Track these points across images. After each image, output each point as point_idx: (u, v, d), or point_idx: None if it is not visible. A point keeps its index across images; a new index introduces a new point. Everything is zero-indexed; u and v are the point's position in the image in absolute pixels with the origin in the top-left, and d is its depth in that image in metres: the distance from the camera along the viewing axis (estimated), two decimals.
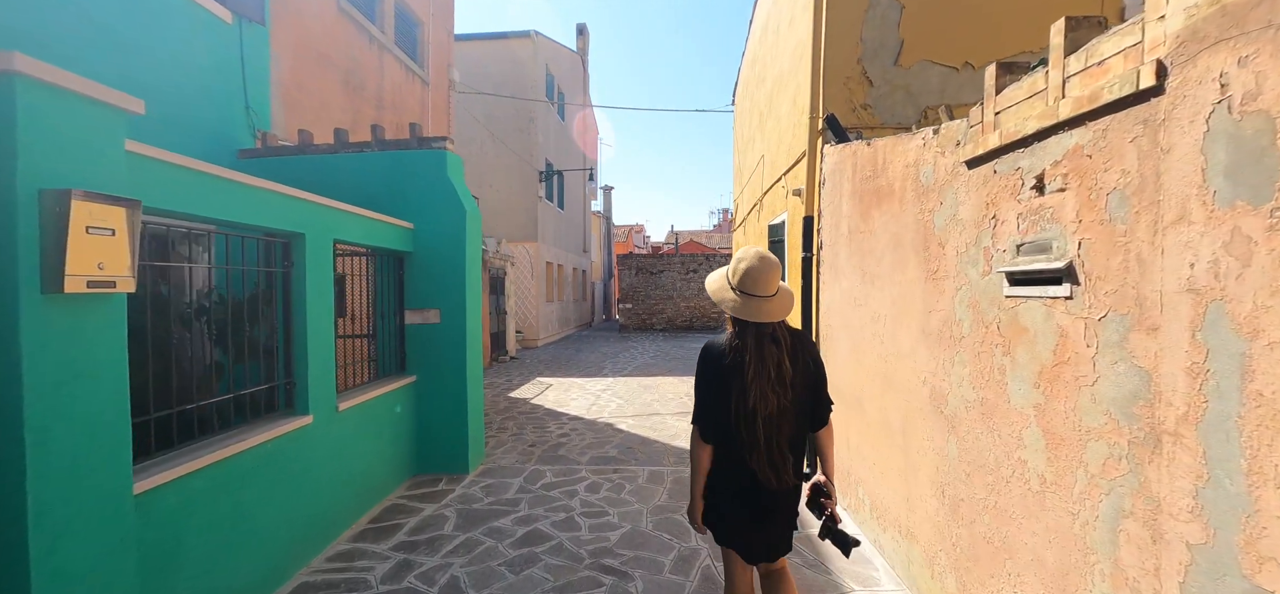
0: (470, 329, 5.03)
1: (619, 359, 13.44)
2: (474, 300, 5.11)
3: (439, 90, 10.02)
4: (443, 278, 4.94)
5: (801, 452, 2.02)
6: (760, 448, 1.88)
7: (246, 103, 5.34)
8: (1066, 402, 1.77)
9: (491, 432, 6.54)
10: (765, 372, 1.87)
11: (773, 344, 1.90)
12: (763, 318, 1.91)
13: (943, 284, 2.55)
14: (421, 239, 4.95)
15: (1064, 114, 1.73)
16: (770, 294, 1.93)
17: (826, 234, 4.40)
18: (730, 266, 2.01)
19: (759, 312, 1.91)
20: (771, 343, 1.90)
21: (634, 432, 6.49)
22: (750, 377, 1.87)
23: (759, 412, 1.86)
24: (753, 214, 8.70)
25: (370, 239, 4.37)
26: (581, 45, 24.15)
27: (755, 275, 1.92)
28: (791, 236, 5.82)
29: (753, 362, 1.88)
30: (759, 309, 1.91)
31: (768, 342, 1.90)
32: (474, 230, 5.10)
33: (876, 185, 3.34)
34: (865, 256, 3.53)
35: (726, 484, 1.99)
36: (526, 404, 8.17)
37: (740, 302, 1.93)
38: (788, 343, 1.93)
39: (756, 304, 1.91)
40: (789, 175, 5.91)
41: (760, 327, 1.91)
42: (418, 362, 4.97)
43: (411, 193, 4.95)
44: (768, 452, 1.89)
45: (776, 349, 1.90)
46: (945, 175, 2.52)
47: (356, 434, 4.03)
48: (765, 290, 1.92)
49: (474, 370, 5.11)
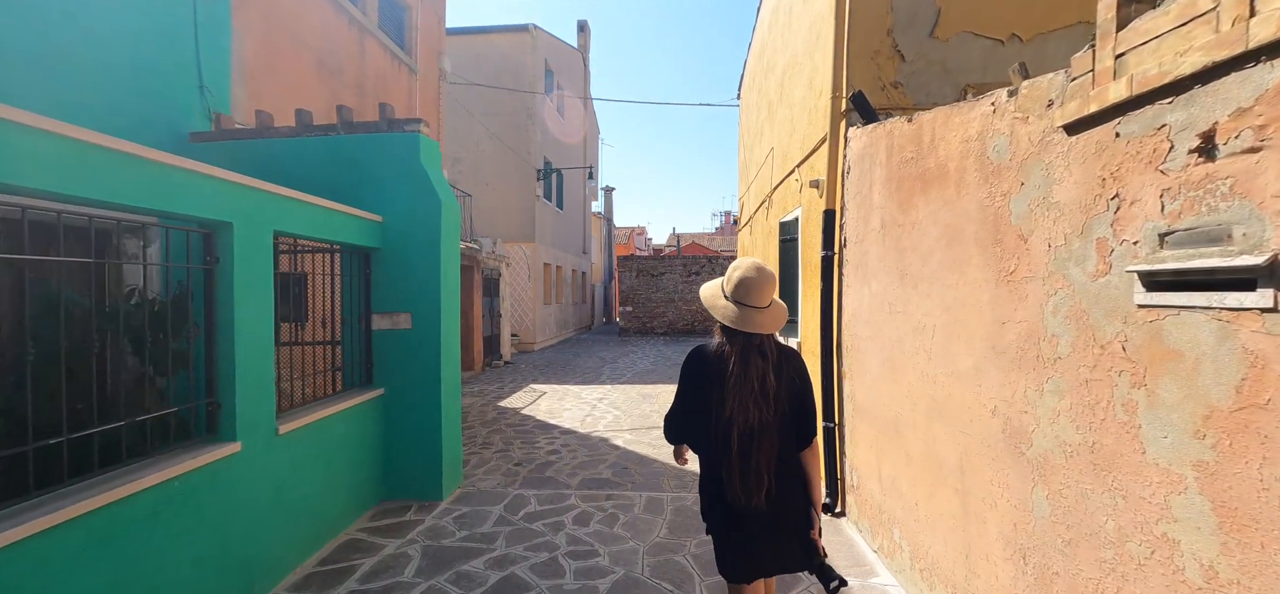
0: (446, 335, 4.46)
1: (618, 365, 12.86)
2: (451, 303, 4.54)
3: (428, 80, 9.47)
4: (415, 277, 4.37)
5: (792, 472, 1.94)
6: (733, 459, 1.86)
7: (200, 82, 4.79)
8: (1263, 465, 1.19)
9: (475, 447, 5.96)
10: (748, 383, 1.85)
11: (759, 357, 1.89)
12: (755, 329, 1.89)
13: (1024, 288, 1.97)
14: (391, 233, 4.38)
15: (1263, 37, 1.16)
16: (764, 306, 1.93)
17: (851, 229, 3.82)
18: (725, 276, 2.01)
19: (752, 322, 1.89)
20: (758, 355, 1.89)
21: (631, 448, 5.91)
22: (730, 386, 1.86)
23: (736, 422, 1.85)
24: (761, 212, 8.13)
25: (327, 232, 3.80)
26: (582, 42, 23.62)
27: (750, 286, 1.91)
28: (806, 234, 5.25)
29: (736, 370, 1.87)
30: (752, 320, 1.90)
31: (754, 353, 1.89)
32: (451, 223, 4.54)
33: (921, 168, 2.77)
34: (905, 254, 2.95)
35: (712, 502, 1.97)
36: (516, 415, 7.60)
37: (735, 311, 1.91)
38: (774, 357, 1.92)
39: (750, 315, 1.90)
40: (804, 166, 5.34)
41: (749, 338, 1.90)
42: (386, 372, 4.40)
43: (382, 181, 4.38)
44: (740, 466, 1.86)
45: (763, 362, 1.88)
46: (1029, 147, 1.95)
47: (305, 460, 3.46)
48: (760, 301, 1.91)
49: (450, 383, 4.53)
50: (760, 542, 1.91)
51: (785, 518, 1.92)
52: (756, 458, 1.85)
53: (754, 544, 1.91)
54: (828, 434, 4.14)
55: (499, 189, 16.32)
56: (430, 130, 4.59)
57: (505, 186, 16.31)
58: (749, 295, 1.91)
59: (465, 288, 11.61)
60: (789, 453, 1.94)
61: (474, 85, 14.54)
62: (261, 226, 3.06)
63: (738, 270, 1.96)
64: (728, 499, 1.89)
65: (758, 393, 1.85)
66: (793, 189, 5.90)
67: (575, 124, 21.94)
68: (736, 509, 1.88)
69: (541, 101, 17.01)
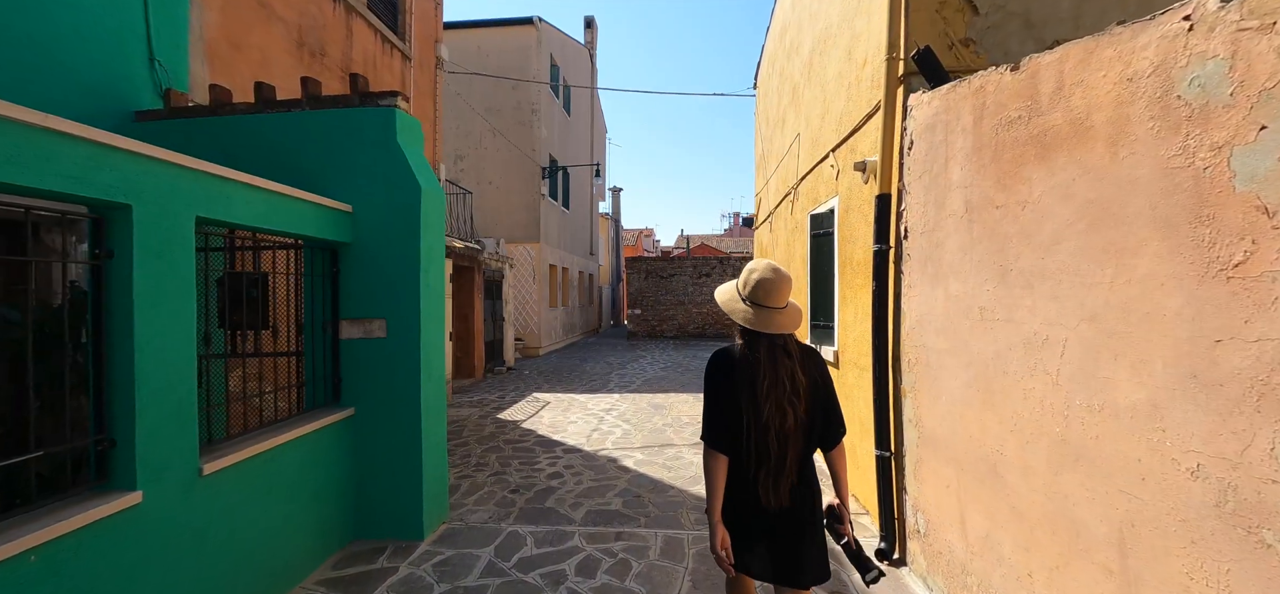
0: (428, 345, 3.79)
1: (626, 371, 12.18)
2: (434, 306, 3.88)
3: (424, 69, 8.85)
4: (391, 277, 3.71)
5: (805, 473, 1.94)
6: (770, 462, 1.85)
7: (150, 54, 4.17)
8: None
9: (468, 468, 5.30)
10: (780, 384, 1.85)
11: (785, 356, 1.88)
12: (774, 330, 1.88)
13: (1267, 289, 1.27)
14: (363, 225, 3.73)
15: None
16: (782, 306, 1.92)
17: (915, 217, 3.12)
18: (741, 278, 2.01)
19: (771, 323, 1.89)
20: (784, 355, 1.88)
21: (643, 471, 5.22)
22: (764, 389, 1.85)
23: (773, 426, 1.84)
24: (784, 206, 7.43)
25: (279, 222, 3.16)
26: (589, 39, 23.02)
27: (768, 287, 1.91)
28: (846, 226, 4.54)
29: (767, 374, 1.85)
30: (771, 321, 1.89)
31: (780, 353, 1.88)
32: (434, 213, 3.87)
33: (1038, 129, 2.07)
34: (1007, 244, 2.25)
35: (734, 504, 1.92)
36: (516, 428, 6.93)
37: (752, 313, 1.91)
38: (798, 355, 1.91)
39: (768, 316, 1.89)
40: (842, 149, 4.64)
41: (773, 338, 1.89)
42: (357, 389, 3.74)
43: (353, 164, 3.74)
44: (776, 468, 1.86)
45: (789, 361, 1.88)
46: (1271, 76, 1.25)
47: (245, 503, 2.80)
48: (777, 302, 1.91)
49: (433, 400, 3.87)
50: (781, 541, 1.91)
51: (808, 519, 1.93)
52: (789, 459, 1.87)
53: (773, 543, 1.91)
54: (881, 464, 3.44)
55: (503, 188, 15.70)
56: (409, 105, 3.93)
57: (509, 185, 15.70)
58: (767, 296, 1.90)
59: (465, 290, 10.98)
60: (810, 452, 1.95)
61: (474, 75, 13.91)
62: (176, 212, 2.40)
63: (754, 272, 1.95)
64: (762, 502, 1.87)
65: (790, 393, 1.85)
66: (825, 177, 5.21)
67: (581, 121, 21.33)
68: (766, 510, 1.88)
69: (547, 97, 16.40)
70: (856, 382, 4.27)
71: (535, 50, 15.72)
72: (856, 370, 4.26)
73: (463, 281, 10.99)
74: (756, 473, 1.86)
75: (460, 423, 7.21)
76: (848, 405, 4.48)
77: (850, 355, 4.44)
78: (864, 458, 4.11)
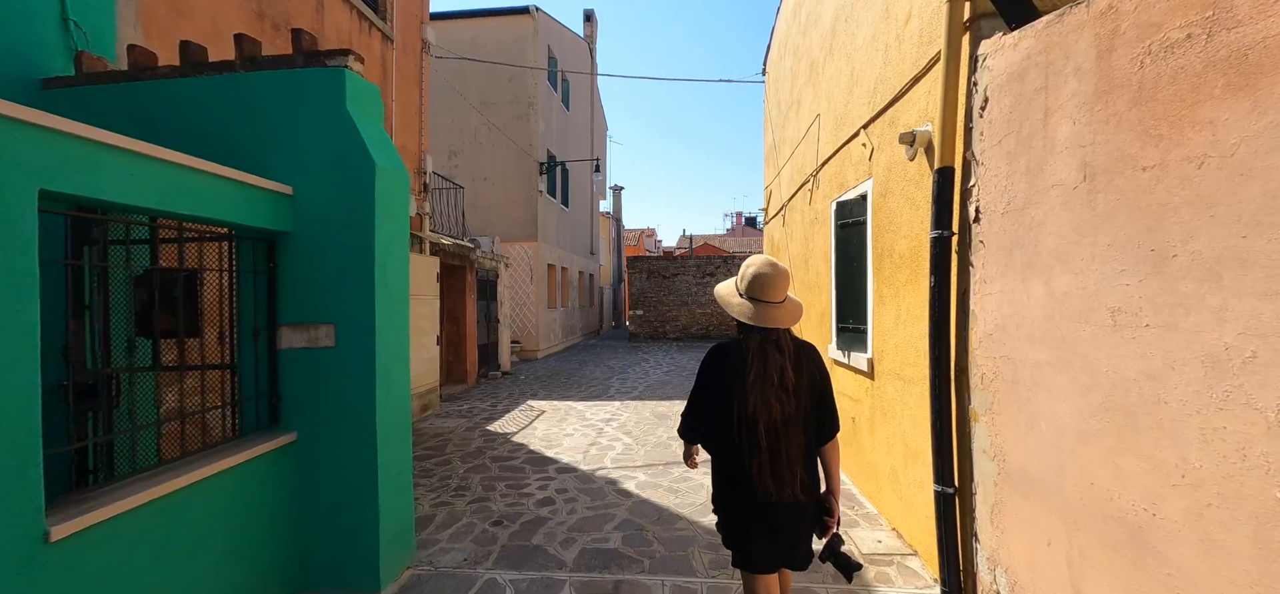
0: (387, 355, 3.14)
1: (628, 375, 11.52)
2: (393, 309, 3.22)
3: (409, 52, 8.20)
4: (340, 274, 3.06)
5: (812, 467, 1.99)
6: (762, 455, 1.89)
7: (63, 11, 3.53)
8: None
9: (447, 493, 4.64)
10: (767, 377, 1.89)
11: (776, 351, 1.92)
12: (771, 324, 1.93)
13: None
14: (306, 211, 3.08)
15: None
16: (779, 301, 1.95)
17: (992, 192, 2.46)
18: (739, 274, 2.05)
19: (768, 318, 1.93)
20: (775, 349, 1.92)
21: (646, 496, 4.56)
22: (750, 381, 1.89)
23: (759, 418, 1.88)
24: (799, 197, 6.77)
25: (192, 205, 2.51)
26: (589, 32, 22.37)
27: (765, 282, 1.95)
28: (883, 213, 3.88)
29: (754, 366, 1.90)
30: (768, 315, 1.93)
31: (771, 348, 1.92)
32: (393, 196, 3.22)
33: (1234, 46, 1.41)
34: (1171, 218, 1.59)
35: (735, 497, 1.98)
36: (506, 442, 6.27)
37: (751, 307, 1.95)
38: (791, 351, 1.94)
39: (766, 310, 1.94)
40: (879, 123, 3.98)
41: (765, 333, 1.94)
42: (300, 409, 3.08)
43: (295, 138, 3.09)
44: (770, 461, 1.89)
45: (780, 356, 1.91)
46: None
47: (126, 568, 2.14)
48: (774, 296, 1.95)
49: (394, 421, 3.21)
50: (786, 534, 1.95)
51: (806, 513, 1.98)
52: (787, 452, 1.90)
53: (778, 536, 1.95)
54: (941, 502, 2.77)
55: (499, 184, 15.05)
56: (364, 68, 3.28)
57: (505, 182, 15.05)
58: (764, 291, 1.95)
59: (456, 290, 10.33)
60: (813, 447, 1.98)
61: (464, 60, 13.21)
62: (3, 183, 1.75)
63: (752, 267, 1.99)
64: (759, 495, 1.90)
65: (778, 387, 1.89)
66: (855, 158, 4.54)
67: (581, 118, 20.68)
68: (768, 503, 1.91)
69: (544, 90, 15.75)
70: (899, 397, 3.60)
71: (532, 41, 15.07)
72: (899, 383, 3.60)
73: (454, 282, 10.34)
74: (750, 466, 1.90)
75: (444, 436, 6.55)
76: (887, 424, 3.81)
77: (890, 365, 3.78)
78: (910, 488, 3.44)
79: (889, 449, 3.81)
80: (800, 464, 1.91)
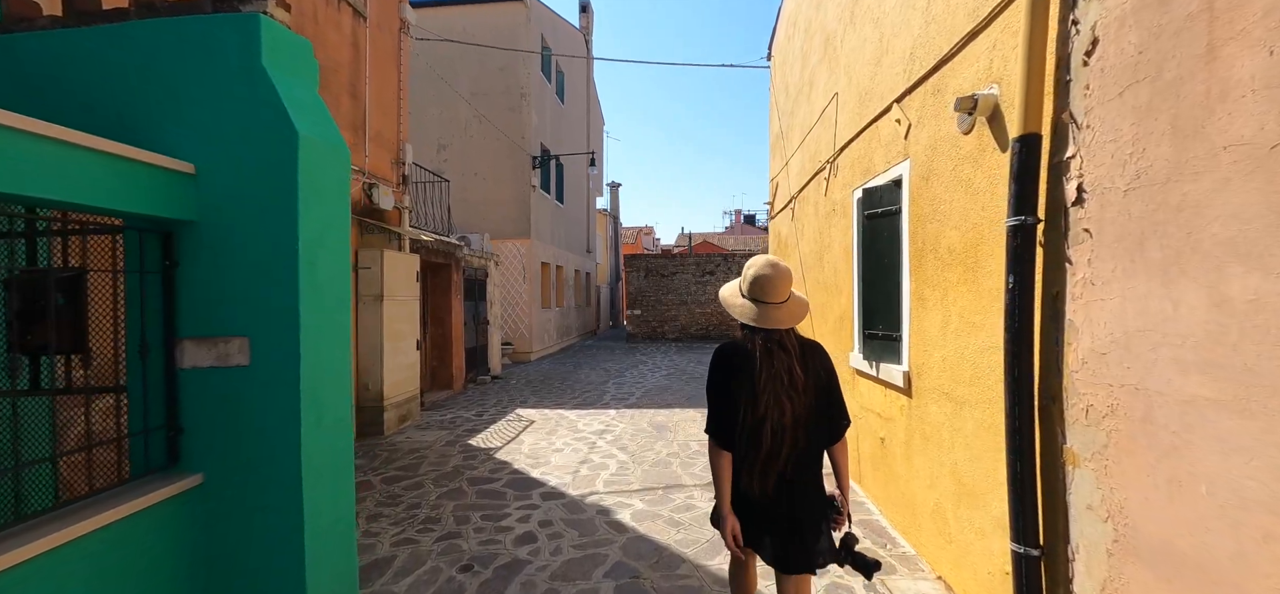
0: (315, 373, 2.50)
1: (625, 379, 10.90)
2: (326, 315, 2.58)
3: (385, 31, 7.55)
4: (255, 272, 2.42)
5: (817, 465, 2.01)
6: (764, 453, 1.90)
7: None
8: None
9: (413, 527, 4.01)
10: (776, 377, 1.89)
11: (781, 351, 1.92)
12: (774, 324, 1.94)
13: None
14: (213, 195, 2.44)
15: None
16: (781, 301, 1.96)
17: (1107, 164, 1.83)
18: (741, 276, 2.08)
19: (770, 318, 1.94)
20: (780, 349, 1.92)
21: (643, 529, 3.93)
22: (761, 383, 1.89)
23: (769, 418, 1.89)
24: (812, 187, 6.15)
25: (52, 187, 1.87)
26: (585, 23, 21.73)
27: (765, 283, 1.96)
28: (924, 199, 3.26)
29: (763, 368, 1.90)
30: (770, 316, 1.94)
31: (777, 348, 1.92)
32: (325, 174, 2.57)
33: None
34: None
35: (737, 495, 1.99)
36: (489, 459, 5.64)
37: (754, 309, 1.96)
38: (796, 350, 1.95)
39: (768, 311, 1.95)
40: (917, 94, 3.35)
41: (769, 333, 1.95)
42: (208, 444, 2.45)
43: (198, 103, 2.45)
44: (777, 460, 1.91)
45: (786, 355, 1.92)
46: None
47: None
48: (776, 297, 1.95)
49: (327, 456, 2.57)
50: (793, 532, 1.95)
51: (805, 513, 1.96)
52: (784, 451, 1.91)
53: (787, 534, 1.95)
54: (1025, 567, 2.15)
55: (490, 179, 14.40)
56: (288, 17, 2.63)
57: (497, 176, 14.40)
58: (765, 291, 1.95)
59: (441, 291, 9.69)
60: (813, 446, 1.98)
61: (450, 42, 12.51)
62: None
63: (752, 268, 2.01)
64: (742, 487, 1.95)
65: (789, 387, 1.89)
66: (885, 137, 3.91)
67: (577, 112, 20.02)
68: (751, 500, 1.95)
69: (537, 80, 15.10)
70: (949, 421, 2.98)
71: (524, 28, 14.41)
72: (949, 404, 2.97)
73: (439, 281, 9.70)
74: (758, 464, 1.93)
75: (420, 453, 5.91)
76: (931, 452, 3.19)
77: (934, 380, 3.16)
78: (964, 532, 2.82)
79: (933, 482, 3.19)
80: (789, 462, 1.93)
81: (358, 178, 6.74)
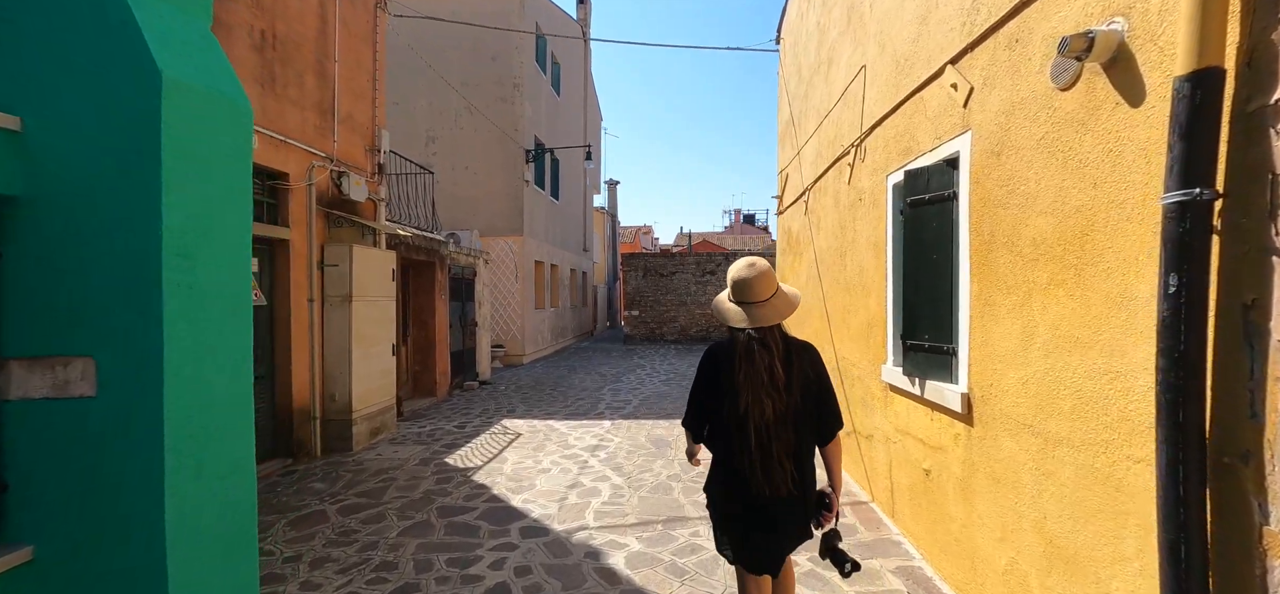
0: (188, 407, 1.82)
1: (621, 384, 10.23)
2: (208, 325, 1.90)
3: (357, 6, 6.86)
4: (104, 270, 1.75)
5: (805, 464, 2.03)
6: (751, 453, 1.93)
7: None
8: None
9: (364, 576, 3.34)
10: (756, 376, 1.92)
11: (763, 349, 1.95)
12: (758, 323, 1.96)
13: None
14: (47, 162, 1.76)
15: None
16: (762, 299, 2.00)
17: None
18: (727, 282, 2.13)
19: (754, 317, 1.97)
20: (761, 348, 1.95)
21: (640, 580, 3.25)
22: (740, 381, 1.94)
23: (751, 416, 1.92)
24: (831, 175, 5.48)
25: None
26: (582, 15, 21.07)
27: (743, 284, 2.01)
28: (992, 180, 2.59)
29: (742, 365, 1.95)
30: (754, 315, 1.98)
31: (757, 347, 1.95)
32: (205, 132, 1.88)
33: None
34: None
35: (726, 494, 2.07)
36: (466, 483, 4.96)
37: (738, 310, 2.01)
38: (779, 349, 1.97)
39: (751, 310, 1.99)
40: (979, 52, 2.68)
41: (751, 332, 1.97)
42: (42, 505, 1.77)
43: (26, 37, 1.77)
44: (760, 458, 1.93)
45: (767, 354, 1.94)
46: None
47: None
48: (756, 296, 1.99)
49: (206, 523, 1.89)
50: (778, 532, 2.01)
51: (799, 509, 2.02)
52: (776, 450, 1.93)
53: (772, 534, 2.01)
54: None
55: (481, 173, 13.71)
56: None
57: (488, 170, 13.70)
58: (744, 292, 2.01)
59: (424, 291, 9.00)
60: (805, 446, 2.02)
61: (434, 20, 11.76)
62: None
63: (732, 272, 2.06)
64: (753, 492, 1.95)
65: (768, 384, 1.91)
66: (932, 110, 3.26)
67: (573, 105, 19.34)
68: (759, 501, 1.96)
69: (531, 70, 14.41)
70: (1034, 461, 2.31)
71: (517, 15, 13.72)
72: (1034, 440, 2.31)
73: (422, 281, 9.02)
74: (742, 463, 1.95)
75: (388, 475, 5.23)
76: (1001, 495, 2.53)
77: (1009, 407, 2.49)
78: None
79: (1006, 534, 2.53)
80: (790, 461, 1.96)
81: (325, 165, 6.06)
